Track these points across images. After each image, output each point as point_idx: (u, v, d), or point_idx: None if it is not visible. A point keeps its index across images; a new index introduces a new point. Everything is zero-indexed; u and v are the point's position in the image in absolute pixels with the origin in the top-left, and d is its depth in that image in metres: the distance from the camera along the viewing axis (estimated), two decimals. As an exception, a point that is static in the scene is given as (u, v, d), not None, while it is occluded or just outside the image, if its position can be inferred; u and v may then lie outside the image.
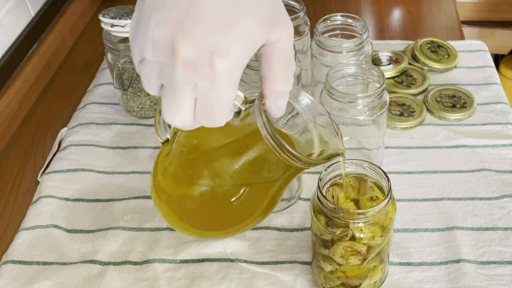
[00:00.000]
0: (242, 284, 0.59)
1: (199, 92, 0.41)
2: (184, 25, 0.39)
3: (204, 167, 0.53)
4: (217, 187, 0.53)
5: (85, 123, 0.79)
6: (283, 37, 0.43)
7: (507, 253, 0.60)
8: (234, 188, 0.53)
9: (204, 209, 0.55)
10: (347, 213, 0.50)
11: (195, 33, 0.39)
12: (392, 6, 1.05)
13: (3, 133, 0.80)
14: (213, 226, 0.58)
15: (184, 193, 0.55)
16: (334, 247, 0.52)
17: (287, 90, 0.46)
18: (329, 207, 0.51)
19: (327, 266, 0.54)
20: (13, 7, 0.86)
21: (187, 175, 0.54)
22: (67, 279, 0.60)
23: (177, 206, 0.56)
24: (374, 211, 0.50)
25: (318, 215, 0.52)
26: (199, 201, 0.54)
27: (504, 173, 0.69)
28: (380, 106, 0.64)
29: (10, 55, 0.84)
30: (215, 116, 0.43)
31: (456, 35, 0.96)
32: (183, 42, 0.39)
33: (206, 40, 0.39)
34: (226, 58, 0.40)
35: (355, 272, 0.54)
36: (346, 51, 0.71)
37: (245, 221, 0.57)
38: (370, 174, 0.54)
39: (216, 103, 0.42)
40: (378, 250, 0.53)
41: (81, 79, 0.91)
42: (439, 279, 0.58)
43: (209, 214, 0.56)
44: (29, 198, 0.71)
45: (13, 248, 0.63)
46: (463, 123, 0.77)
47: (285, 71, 0.45)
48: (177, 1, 0.40)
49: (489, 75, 0.84)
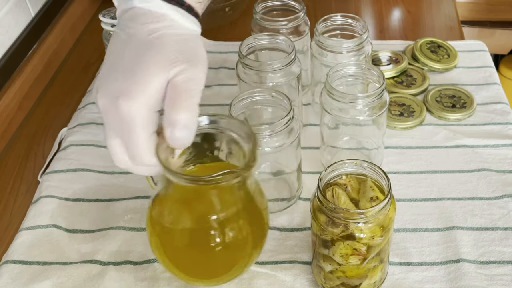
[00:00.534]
0: (242, 284, 0.59)
1: (118, 134, 0.47)
2: (101, 80, 0.48)
3: (183, 223, 0.53)
4: (200, 239, 0.53)
5: (85, 123, 0.79)
6: (183, 73, 0.47)
7: (507, 253, 0.60)
8: (210, 235, 0.52)
9: (199, 261, 0.54)
10: (347, 213, 0.50)
11: (106, 84, 0.47)
12: (392, 6, 1.05)
13: (3, 133, 0.80)
14: (209, 274, 0.57)
15: (176, 247, 0.54)
16: (334, 247, 0.52)
17: (186, 120, 0.47)
18: (329, 207, 0.51)
19: (327, 266, 0.54)
20: (13, 7, 0.86)
21: (174, 233, 0.54)
22: (67, 279, 0.60)
23: (177, 262, 0.55)
24: (374, 211, 0.50)
25: (318, 215, 0.52)
26: (192, 253, 0.54)
27: (504, 173, 0.69)
28: (380, 106, 0.64)
29: (10, 55, 0.84)
30: (138, 155, 0.47)
31: (456, 35, 0.96)
32: (98, 94, 0.47)
33: (113, 88, 0.46)
34: (130, 100, 0.45)
35: (355, 272, 0.54)
36: (346, 51, 0.71)
37: (241, 261, 0.56)
38: (370, 174, 0.54)
39: (132, 142, 0.47)
40: (378, 250, 0.53)
41: (81, 79, 0.91)
42: (439, 279, 0.58)
43: (206, 265, 0.55)
44: (29, 198, 0.71)
45: (13, 248, 0.63)
46: (463, 123, 0.77)
47: (183, 102, 0.47)
48: (104, 65, 0.49)
49: (488, 75, 0.84)
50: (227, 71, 0.88)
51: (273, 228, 0.64)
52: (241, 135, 0.53)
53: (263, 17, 0.76)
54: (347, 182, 0.54)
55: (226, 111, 0.62)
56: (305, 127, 0.77)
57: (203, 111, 0.81)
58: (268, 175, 0.68)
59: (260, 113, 0.66)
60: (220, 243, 0.52)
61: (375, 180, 0.54)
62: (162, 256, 0.55)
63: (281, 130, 0.59)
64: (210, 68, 0.90)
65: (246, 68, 0.68)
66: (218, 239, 0.52)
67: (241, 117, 0.63)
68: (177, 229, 0.53)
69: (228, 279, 0.58)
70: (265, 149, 0.60)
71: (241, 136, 0.53)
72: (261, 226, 0.56)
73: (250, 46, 0.71)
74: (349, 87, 0.68)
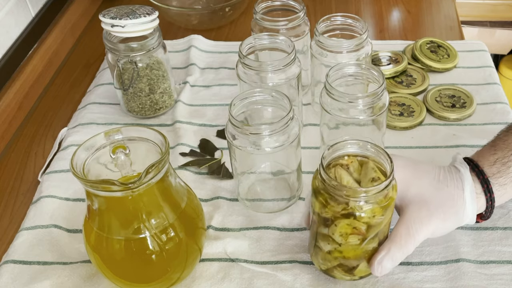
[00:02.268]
0: (242, 284, 0.59)
1: None
2: None
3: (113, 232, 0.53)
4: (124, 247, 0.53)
5: (85, 123, 0.79)
6: None
7: (507, 253, 0.60)
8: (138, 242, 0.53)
9: (129, 265, 0.54)
10: (350, 191, 0.50)
11: None
12: (392, 6, 1.05)
13: (3, 133, 0.80)
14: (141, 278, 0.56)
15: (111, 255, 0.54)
16: (334, 226, 0.52)
17: None
18: (332, 184, 0.51)
19: (326, 245, 0.54)
20: (13, 7, 0.86)
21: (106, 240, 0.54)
22: (67, 279, 0.60)
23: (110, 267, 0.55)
24: (377, 190, 0.50)
25: (320, 193, 0.52)
26: (122, 259, 0.54)
27: (504, 173, 0.69)
28: (380, 106, 0.64)
29: (11, 55, 0.84)
30: None
31: (456, 35, 0.96)
32: None
33: None
34: None
35: (352, 252, 0.54)
36: (346, 51, 0.71)
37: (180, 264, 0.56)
38: (373, 155, 0.54)
39: None
40: (377, 230, 0.53)
41: (81, 79, 0.92)
42: (439, 278, 0.58)
43: (135, 268, 0.55)
44: (30, 198, 0.71)
45: (14, 248, 0.63)
46: (463, 123, 0.77)
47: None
48: None
49: (488, 75, 0.84)
50: (227, 71, 0.89)
51: (273, 228, 0.64)
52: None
53: (263, 17, 0.76)
54: (349, 162, 0.54)
55: (226, 111, 0.62)
56: (305, 127, 0.77)
57: (202, 110, 0.82)
58: (268, 175, 0.69)
59: (260, 113, 0.66)
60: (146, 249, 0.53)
61: (377, 162, 0.54)
62: (97, 260, 0.55)
63: (281, 130, 0.59)
64: (210, 68, 0.90)
65: (246, 68, 0.68)
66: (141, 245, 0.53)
67: (241, 117, 0.63)
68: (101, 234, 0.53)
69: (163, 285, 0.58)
70: (265, 149, 0.60)
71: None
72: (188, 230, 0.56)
73: (250, 46, 0.71)
74: (349, 87, 0.68)
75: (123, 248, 0.53)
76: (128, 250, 0.53)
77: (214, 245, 0.62)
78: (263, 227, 0.64)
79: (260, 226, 0.65)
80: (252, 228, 0.64)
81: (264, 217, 0.66)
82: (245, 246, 0.62)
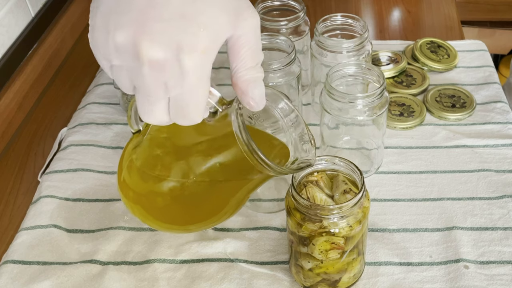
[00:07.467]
0: (242, 284, 0.59)
1: (171, 92, 0.41)
2: (144, 26, 0.39)
3: (175, 163, 0.52)
4: (186, 184, 0.52)
5: (85, 123, 0.79)
6: (249, 28, 0.43)
7: (507, 253, 0.60)
8: (203, 186, 0.52)
9: (172, 205, 0.53)
10: (323, 210, 0.51)
11: (157, 33, 0.39)
12: (392, 6, 1.05)
13: (3, 133, 0.80)
14: (181, 221, 0.56)
15: (152, 189, 0.53)
16: (312, 244, 0.52)
17: (259, 79, 0.45)
18: (305, 204, 0.51)
19: (307, 263, 0.54)
20: (13, 7, 0.86)
21: (156, 170, 0.52)
22: (67, 279, 0.60)
23: (144, 201, 0.54)
24: (350, 205, 0.50)
25: (294, 212, 0.53)
26: (168, 197, 0.53)
27: (504, 173, 0.69)
28: (380, 106, 0.64)
29: (10, 55, 0.84)
30: (190, 114, 0.43)
31: (455, 35, 0.96)
32: (146, 44, 0.39)
33: (170, 38, 0.39)
34: (193, 54, 0.39)
35: (334, 266, 0.54)
36: (346, 51, 0.71)
37: (212, 217, 0.55)
38: (341, 169, 0.55)
39: (189, 100, 0.42)
40: (356, 242, 0.53)
41: (81, 79, 0.91)
42: (439, 279, 0.58)
43: (178, 210, 0.54)
44: (29, 198, 0.71)
45: (13, 248, 0.63)
46: (463, 123, 0.77)
47: (254, 60, 0.44)
48: (132, 3, 0.39)
49: (488, 74, 0.84)
50: (227, 71, 0.89)
51: (273, 228, 0.64)
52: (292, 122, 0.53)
53: (263, 17, 0.76)
54: (319, 178, 0.55)
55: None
56: (305, 127, 0.77)
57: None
58: (268, 175, 0.69)
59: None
60: (208, 195, 0.52)
61: (346, 175, 0.54)
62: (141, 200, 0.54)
63: (281, 130, 0.59)
64: (210, 68, 0.90)
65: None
66: (208, 191, 0.52)
67: None
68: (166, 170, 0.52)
69: (192, 229, 0.57)
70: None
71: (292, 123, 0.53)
72: (244, 199, 0.55)
73: (250, 46, 0.70)
74: (349, 87, 0.68)
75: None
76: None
77: (214, 245, 0.62)
78: (263, 227, 0.64)
79: (259, 227, 0.65)
80: (252, 228, 0.64)
81: (263, 217, 0.66)
82: (245, 246, 0.62)
